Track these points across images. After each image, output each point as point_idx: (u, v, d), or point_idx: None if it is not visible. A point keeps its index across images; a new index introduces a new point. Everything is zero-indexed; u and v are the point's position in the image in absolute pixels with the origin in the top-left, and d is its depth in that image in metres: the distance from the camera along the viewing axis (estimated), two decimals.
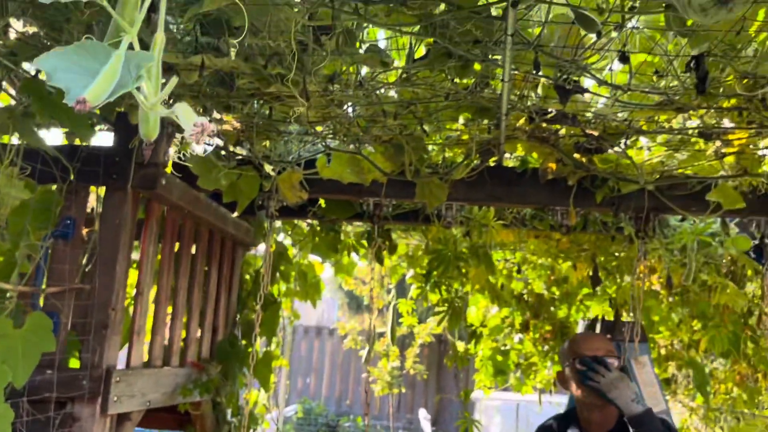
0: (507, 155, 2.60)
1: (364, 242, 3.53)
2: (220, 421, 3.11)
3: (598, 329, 3.09)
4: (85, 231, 2.36)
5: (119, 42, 0.79)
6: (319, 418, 10.33)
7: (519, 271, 3.59)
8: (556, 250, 3.22)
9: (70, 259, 2.20)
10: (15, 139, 1.93)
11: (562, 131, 2.18)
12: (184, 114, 0.72)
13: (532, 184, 2.46)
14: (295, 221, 3.69)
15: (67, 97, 0.68)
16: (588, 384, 2.00)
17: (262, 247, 3.92)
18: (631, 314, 3.16)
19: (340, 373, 12.48)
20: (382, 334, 5.87)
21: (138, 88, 0.76)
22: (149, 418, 2.84)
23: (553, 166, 2.28)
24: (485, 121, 2.11)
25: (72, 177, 2.08)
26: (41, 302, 2.21)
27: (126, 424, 2.34)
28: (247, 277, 3.73)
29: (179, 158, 2.37)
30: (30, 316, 1.75)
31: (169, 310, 2.73)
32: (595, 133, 1.98)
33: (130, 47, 0.78)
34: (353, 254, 4.45)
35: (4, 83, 1.84)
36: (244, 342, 3.29)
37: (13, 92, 1.99)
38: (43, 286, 2.17)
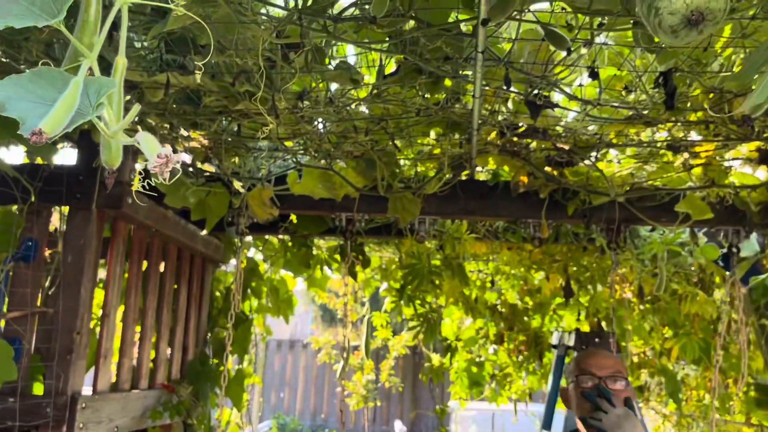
0: (479, 169, 2.60)
1: (337, 257, 3.50)
2: None
3: (572, 341, 3.10)
4: (47, 252, 2.29)
5: (78, 66, 0.75)
6: None
7: (493, 283, 3.59)
8: (528, 262, 3.23)
9: (32, 282, 2.13)
10: None
11: (533, 145, 2.18)
12: (147, 144, 0.69)
13: (505, 198, 2.46)
14: (267, 236, 3.65)
15: (22, 128, 0.65)
16: (589, 422, 1.74)
17: (232, 263, 3.86)
18: (605, 324, 3.19)
19: (314, 387, 12.35)
20: (356, 347, 5.83)
21: (98, 116, 0.73)
22: None
23: (524, 179, 2.28)
24: (456, 136, 2.10)
25: (33, 197, 2.02)
26: (1, 327, 2.14)
27: None
28: (218, 294, 3.67)
29: (144, 186, 2.29)
30: None
31: (137, 330, 2.66)
32: (566, 147, 1.99)
33: (90, 72, 0.75)
34: (326, 268, 4.42)
35: None
36: (215, 361, 3.22)
37: None
38: (4, 310, 2.10)
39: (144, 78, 1.51)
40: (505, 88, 1.49)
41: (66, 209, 2.28)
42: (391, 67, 1.77)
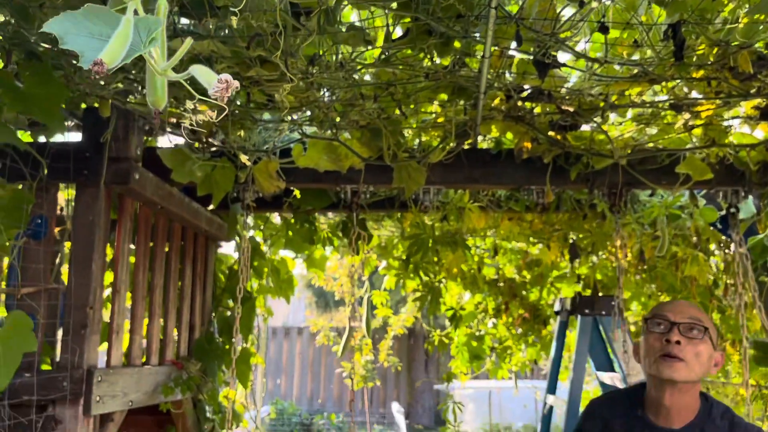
0: (481, 138, 2.62)
1: (339, 233, 3.52)
2: (200, 419, 3.06)
3: (574, 306, 3.15)
4: (57, 229, 2.29)
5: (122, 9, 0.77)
6: (292, 417, 10.26)
7: (496, 252, 3.63)
8: (529, 231, 3.27)
9: (43, 259, 2.14)
10: None
11: (537, 110, 2.21)
12: (203, 74, 0.71)
13: (508, 165, 2.50)
14: (268, 215, 3.66)
15: (82, 60, 0.66)
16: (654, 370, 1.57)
17: (231, 245, 3.87)
18: (606, 290, 3.24)
19: (310, 373, 12.42)
20: (354, 329, 5.87)
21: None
22: (128, 421, 2.79)
23: (528, 145, 2.31)
24: (462, 102, 2.12)
25: (44, 173, 2.02)
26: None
27: (109, 426, 2.29)
28: (220, 274, 3.68)
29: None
30: (10, 315, 1.69)
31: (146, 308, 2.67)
32: (571, 109, 2.02)
33: (135, 12, 0.76)
34: (325, 248, 4.44)
35: None
36: (221, 339, 3.25)
37: None
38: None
39: None
40: (516, 46, 1.52)
41: (73, 186, 2.29)
42: (396, 35, 1.78)
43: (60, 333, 2.34)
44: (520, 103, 2.11)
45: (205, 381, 2.91)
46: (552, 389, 3.61)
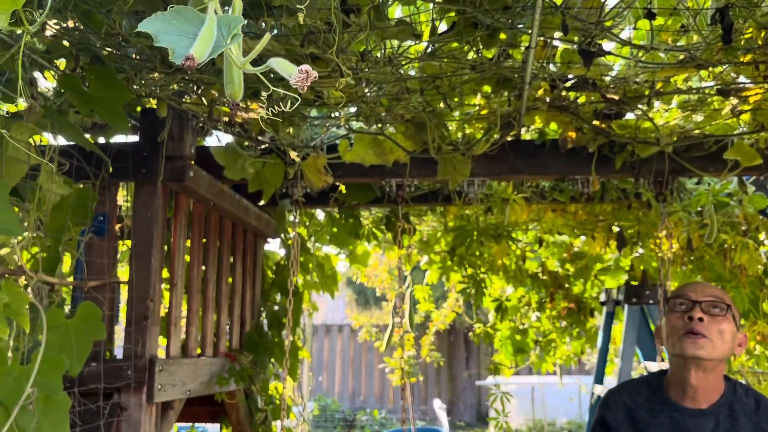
0: (525, 129, 2.65)
1: (383, 227, 3.58)
2: (252, 410, 3.15)
3: (621, 295, 3.14)
4: (117, 226, 2.40)
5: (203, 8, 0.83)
6: (335, 414, 10.38)
7: (540, 244, 3.63)
8: (573, 223, 3.27)
9: (107, 254, 2.24)
10: (50, 138, 1.98)
11: (582, 99, 2.23)
12: (281, 66, 0.76)
13: (552, 155, 2.51)
14: (312, 211, 3.74)
15: (174, 56, 0.73)
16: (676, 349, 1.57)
17: (276, 243, 3.97)
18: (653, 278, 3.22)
19: (351, 370, 12.54)
20: (397, 324, 5.93)
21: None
22: (184, 412, 2.89)
23: (572, 134, 2.33)
24: (506, 94, 2.15)
25: (108, 172, 2.13)
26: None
27: (169, 413, 2.39)
28: (267, 270, 3.78)
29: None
30: (80, 306, 1.79)
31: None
32: (615, 98, 2.03)
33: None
34: (367, 244, 4.50)
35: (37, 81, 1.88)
36: (271, 332, 3.34)
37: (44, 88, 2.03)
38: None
39: None
40: (562, 35, 1.54)
41: (132, 185, 2.39)
42: (441, 29, 1.83)
43: (118, 325, 2.46)
44: (564, 93, 2.13)
45: (257, 372, 3.00)
46: (599, 379, 3.60)
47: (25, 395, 1.53)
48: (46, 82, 2.03)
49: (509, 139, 2.53)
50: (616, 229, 3.39)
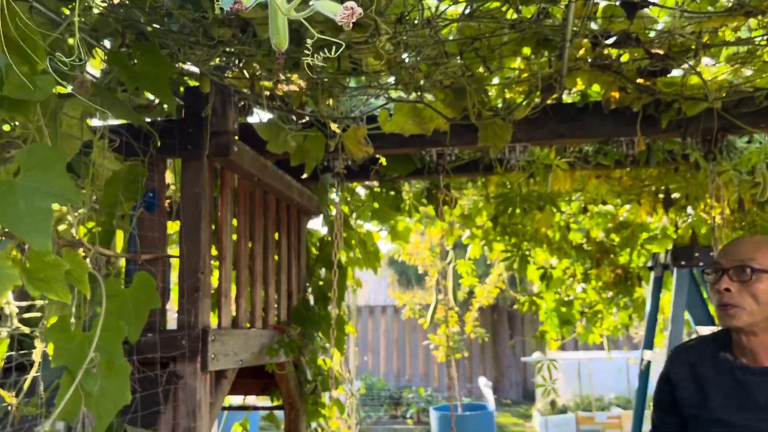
0: (566, 93, 2.61)
1: (424, 200, 3.58)
2: (302, 381, 3.22)
3: (669, 258, 3.08)
4: (166, 202, 2.47)
5: None
6: (381, 392, 10.49)
7: (585, 211, 3.58)
8: (619, 188, 3.21)
9: (158, 228, 2.31)
10: (96, 121, 2.04)
11: (625, 57, 2.18)
12: (326, 6, 0.78)
13: (595, 117, 2.47)
14: (353, 186, 3.77)
15: (223, 1, 0.75)
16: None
17: (318, 221, 4.01)
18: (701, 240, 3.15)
19: (396, 350, 12.64)
20: (440, 301, 5.95)
21: None
22: (236, 385, 2.97)
23: (615, 94, 2.29)
24: (546, 54, 2.12)
25: (156, 148, 2.18)
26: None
27: (223, 382, 2.46)
28: (311, 246, 3.83)
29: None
30: (136, 276, 1.85)
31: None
32: (660, 52, 1.98)
33: None
34: (408, 219, 4.51)
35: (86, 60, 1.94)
36: (318, 306, 3.39)
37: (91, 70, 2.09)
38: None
39: (256, 13, 1.61)
40: None
41: (179, 161, 2.46)
42: None
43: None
44: (606, 51, 2.09)
45: (305, 344, 3.06)
46: (649, 345, 3.55)
47: (88, 360, 1.60)
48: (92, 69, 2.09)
49: (550, 102, 2.50)
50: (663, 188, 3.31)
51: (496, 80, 2.48)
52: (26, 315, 1.68)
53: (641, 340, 3.83)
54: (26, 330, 1.59)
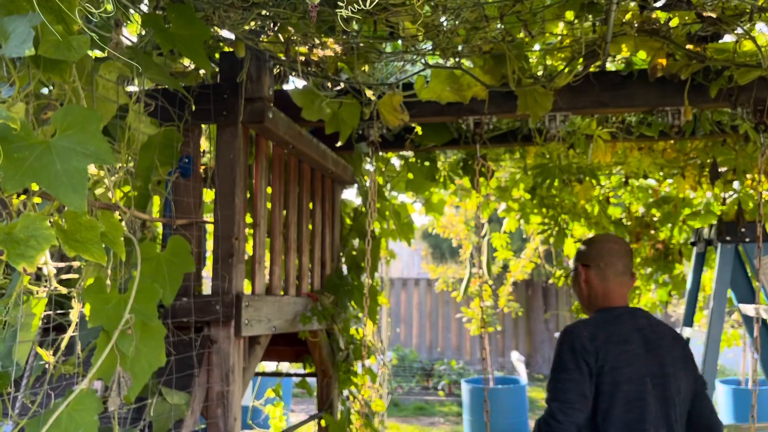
0: (609, 61, 2.51)
1: (459, 172, 3.53)
2: (334, 349, 3.24)
3: (714, 234, 2.98)
4: (202, 168, 2.48)
5: None
6: (413, 364, 10.56)
7: (626, 183, 3.48)
8: (662, 161, 3.11)
9: (193, 194, 2.32)
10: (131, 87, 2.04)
11: (674, 22, 2.08)
12: None
13: (640, 86, 2.38)
14: (388, 157, 3.73)
15: None
16: None
17: (352, 192, 3.99)
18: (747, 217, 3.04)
19: (428, 322, 12.67)
20: (474, 274, 5.90)
21: None
22: (269, 351, 3.01)
23: (663, 61, 2.19)
24: (591, 18, 2.04)
25: (191, 113, 2.18)
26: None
27: (256, 348, 2.48)
28: (345, 216, 3.83)
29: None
30: (171, 239, 1.86)
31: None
32: (713, 16, 1.88)
33: None
34: (443, 191, 4.46)
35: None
36: (351, 275, 3.39)
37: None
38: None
39: None
40: None
41: (214, 127, 2.45)
42: None
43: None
44: (655, 15, 1.99)
45: (338, 312, 3.07)
46: (689, 321, 3.47)
47: (123, 321, 1.61)
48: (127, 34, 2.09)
49: (593, 70, 2.41)
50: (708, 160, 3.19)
51: (536, 47, 2.40)
52: (64, 276, 1.70)
53: (678, 318, 3.74)
54: (64, 290, 1.61)
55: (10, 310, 1.46)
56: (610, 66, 2.51)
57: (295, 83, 2.77)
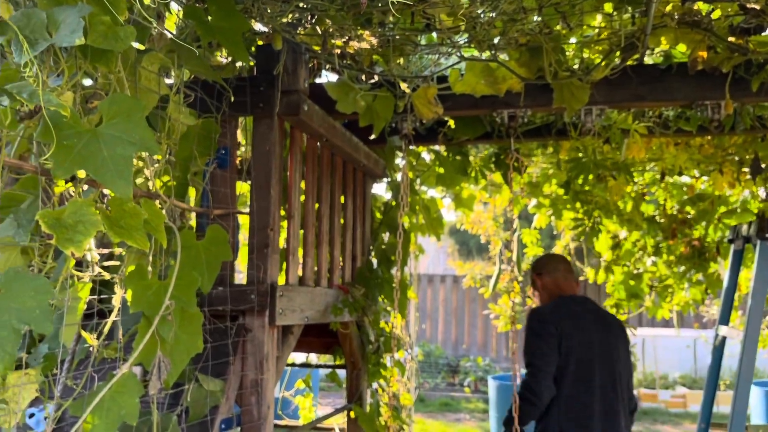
0: (647, 55, 2.48)
1: (491, 166, 3.51)
2: (364, 341, 3.26)
3: (753, 230, 2.92)
4: (237, 160, 2.51)
5: None
6: (439, 360, 10.56)
7: (662, 178, 3.43)
8: (699, 157, 3.06)
9: (229, 185, 2.35)
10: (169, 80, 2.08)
11: (716, 14, 2.05)
12: None
13: (679, 79, 2.34)
14: (419, 150, 3.74)
15: None
16: None
17: (381, 187, 4.00)
18: None
19: (454, 319, 12.64)
20: (503, 270, 5.87)
21: None
22: (300, 343, 3.03)
23: (703, 54, 2.15)
24: (630, 10, 2.02)
25: (229, 105, 2.21)
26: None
27: (289, 337, 2.51)
28: (375, 210, 3.84)
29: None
30: (209, 228, 1.89)
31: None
32: (757, 7, 1.85)
33: None
34: (473, 186, 4.45)
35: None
36: (382, 269, 3.40)
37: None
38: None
39: None
40: None
41: (250, 119, 2.48)
42: None
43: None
44: (696, 6, 1.96)
45: (368, 305, 3.08)
46: (725, 320, 3.41)
47: (163, 307, 1.65)
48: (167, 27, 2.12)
49: (631, 63, 2.38)
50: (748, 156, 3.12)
51: (573, 39, 2.38)
52: (106, 263, 1.74)
53: (710, 319, 3.68)
54: (107, 276, 1.65)
55: (57, 294, 1.50)
56: (648, 59, 2.48)
57: (327, 77, 2.78)
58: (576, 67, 2.40)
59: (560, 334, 2.73)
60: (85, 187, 1.58)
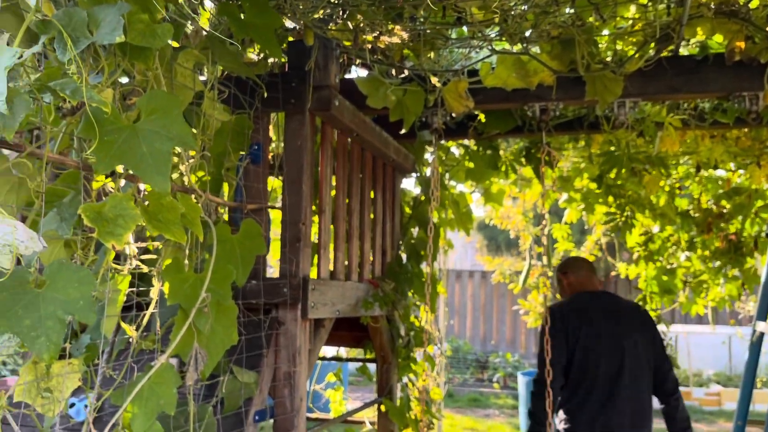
0: (683, 45, 2.44)
1: (522, 160, 3.49)
2: (394, 335, 3.27)
3: None
4: (270, 155, 2.53)
5: None
6: (467, 355, 10.53)
7: (698, 171, 3.37)
8: (735, 149, 2.99)
9: (262, 180, 2.38)
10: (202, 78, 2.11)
11: (754, 2, 2.01)
12: None
13: (715, 70, 2.30)
14: (448, 145, 3.73)
15: None
16: None
17: (411, 182, 3.99)
18: None
19: (482, 315, 12.60)
20: (533, 265, 5.84)
21: None
22: (331, 336, 3.06)
23: (741, 44, 2.11)
24: (665, 0, 1.99)
25: (262, 101, 2.23)
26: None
27: (320, 330, 2.53)
28: (404, 205, 3.85)
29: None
30: (244, 223, 1.92)
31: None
32: None
33: None
34: (502, 181, 4.42)
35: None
36: (411, 263, 3.41)
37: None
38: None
39: None
40: None
41: (282, 115, 2.50)
42: None
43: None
44: None
45: (398, 299, 3.09)
46: (763, 315, 3.34)
47: (200, 300, 1.68)
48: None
49: (665, 54, 2.34)
50: None
51: (606, 31, 2.35)
52: (143, 257, 1.78)
53: (746, 315, 3.61)
54: (145, 269, 1.69)
55: (98, 286, 1.54)
56: (683, 50, 2.44)
57: (357, 72, 2.79)
58: (609, 59, 2.37)
59: (567, 327, 3.00)
60: (122, 182, 1.61)
